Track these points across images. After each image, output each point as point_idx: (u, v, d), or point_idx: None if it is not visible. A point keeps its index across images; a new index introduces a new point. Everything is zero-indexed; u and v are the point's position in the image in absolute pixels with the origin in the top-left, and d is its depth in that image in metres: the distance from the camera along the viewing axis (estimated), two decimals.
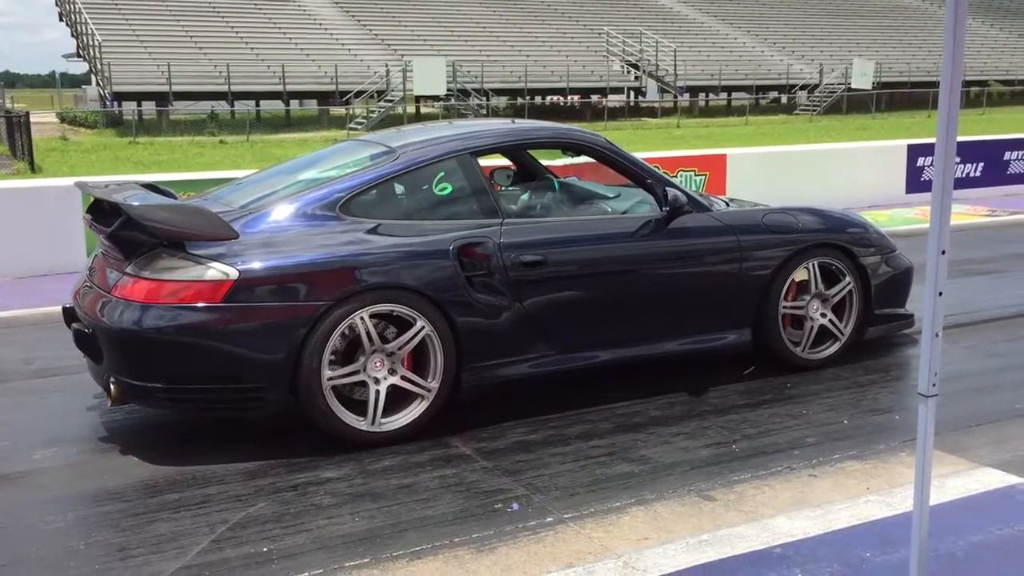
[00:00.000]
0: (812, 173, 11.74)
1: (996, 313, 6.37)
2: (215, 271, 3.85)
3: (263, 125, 33.34)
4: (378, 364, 4.08)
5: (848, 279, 5.08)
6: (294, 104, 36.97)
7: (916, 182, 12.41)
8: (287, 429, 4.22)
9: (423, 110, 36.37)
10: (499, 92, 37.68)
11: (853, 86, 41.58)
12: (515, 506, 3.54)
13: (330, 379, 3.98)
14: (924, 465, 2.29)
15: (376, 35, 40.38)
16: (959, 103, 2.13)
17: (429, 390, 4.18)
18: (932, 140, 12.92)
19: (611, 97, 39.57)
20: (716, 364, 5.10)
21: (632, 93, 41.65)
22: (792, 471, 3.83)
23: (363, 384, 4.10)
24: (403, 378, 4.14)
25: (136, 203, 4.01)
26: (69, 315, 4.39)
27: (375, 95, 34.28)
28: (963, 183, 12.48)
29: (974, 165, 12.66)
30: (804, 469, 3.84)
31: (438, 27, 42.36)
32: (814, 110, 41.09)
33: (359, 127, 31.71)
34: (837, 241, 5.07)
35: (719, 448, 4.09)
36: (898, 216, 11.01)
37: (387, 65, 35.17)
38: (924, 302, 2.23)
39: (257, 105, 35.67)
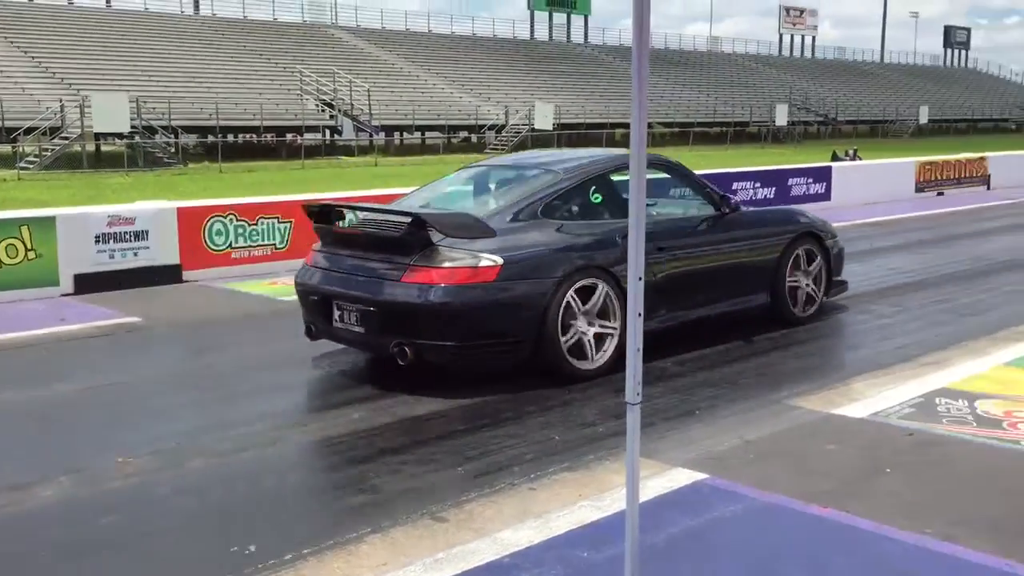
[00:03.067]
0: None
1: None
2: (488, 260, 5.30)
3: None
4: (585, 321, 5.63)
5: (819, 259, 7.21)
6: None
7: None
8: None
9: (104, 148, 34.13)
10: (188, 130, 36.24)
11: (536, 127, 44.38)
12: (252, 548, 3.55)
13: (563, 331, 5.48)
14: (633, 465, 2.63)
15: (47, 69, 37.45)
16: (645, 146, 2.50)
17: (616, 328, 5.71)
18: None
19: (307, 135, 39.35)
20: (429, 392, 5.36)
21: (328, 132, 41.68)
22: (514, 486, 4.13)
23: (577, 335, 5.59)
24: (600, 326, 5.70)
25: (425, 212, 5.55)
26: (320, 301, 5.71)
27: (48, 132, 31.74)
28: None
29: None
30: (524, 483, 4.16)
31: (119, 62, 40.11)
32: (500, 149, 43.31)
33: (31, 166, 29.24)
34: (812, 229, 7.22)
35: (446, 471, 4.31)
36: None
37: (61, 100, 32.73)
38: (629, 322, 2.58)
39: None
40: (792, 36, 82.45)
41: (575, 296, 5.52)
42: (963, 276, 9.46)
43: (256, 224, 10.08)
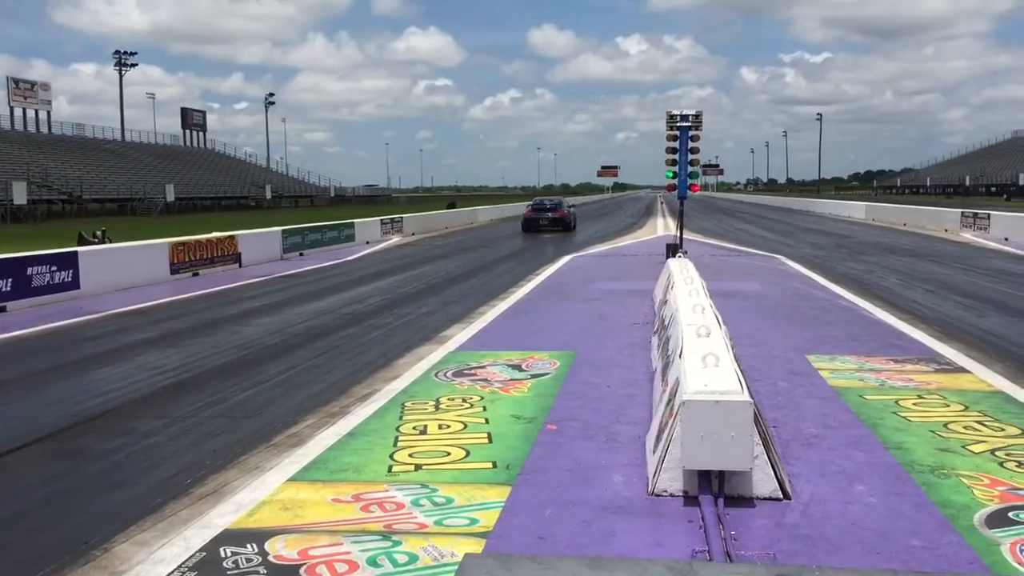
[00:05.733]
0: None
1: None
2: (568, 209, 39.51)
3: None
4: (573, 219, 41.34)
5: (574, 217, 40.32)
6: None
7: None
8: None
9: None
10: None
11: None
12: None
13: (575, 222, 43.49)
14: None
15: None
16: None
17: (572, 220, 41.12)
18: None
19: None
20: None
21: None
22: None
23: (573, 222, 42.73)
24: (574, 222, 42.72)
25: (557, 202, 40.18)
26: (533, 221, 36.11)
27: None
28: None
29: None
30: None
31: None
32: None
33: None
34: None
35: None
36: None
37: None
38: None
39: None
40: (24, 110, 76.91)
41: (573, 215, 38.62)
42: (231, 368, 8.85)
43: None
